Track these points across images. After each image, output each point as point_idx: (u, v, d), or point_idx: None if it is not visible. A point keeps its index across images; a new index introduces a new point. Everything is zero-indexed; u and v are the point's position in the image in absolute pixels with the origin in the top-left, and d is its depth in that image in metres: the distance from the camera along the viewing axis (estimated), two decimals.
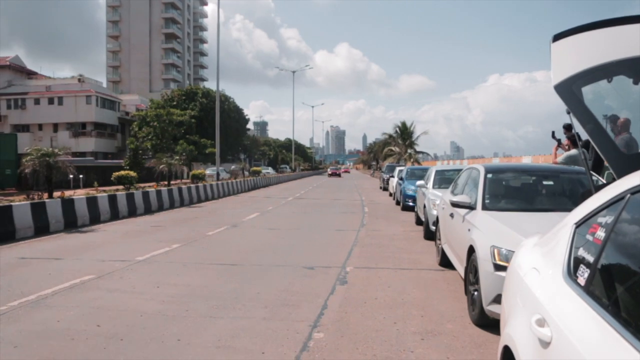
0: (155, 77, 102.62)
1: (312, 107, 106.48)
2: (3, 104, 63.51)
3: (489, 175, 7.29)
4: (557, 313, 2.31)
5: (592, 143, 3.26)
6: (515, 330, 2.73)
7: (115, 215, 17.23)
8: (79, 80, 65.56)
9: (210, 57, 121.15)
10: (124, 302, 6.62)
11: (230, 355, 4.78)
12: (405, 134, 63.25)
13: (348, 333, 5.38)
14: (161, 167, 27.49)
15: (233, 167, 54.27)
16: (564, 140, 10.81)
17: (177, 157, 30.37)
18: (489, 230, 5.85)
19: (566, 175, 7.51)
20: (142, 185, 23.93)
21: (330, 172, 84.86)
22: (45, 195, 16.35)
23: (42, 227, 13.64)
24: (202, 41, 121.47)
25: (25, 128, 63.02)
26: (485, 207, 6.68)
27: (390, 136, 67.51)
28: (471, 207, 6.83)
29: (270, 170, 72.48)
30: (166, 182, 27.38)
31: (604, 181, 7.40)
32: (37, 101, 63.45)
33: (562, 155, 9.97)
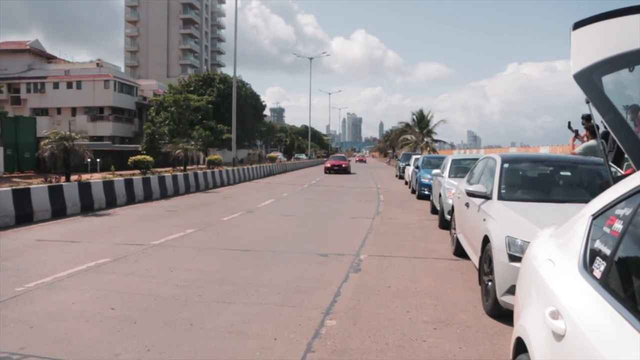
0: (172, 63, 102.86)
1: (329, 94, 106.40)
2: (23, 88, 64.03)
3: (506, 165, 7.22)
4: (572, 306, 2.27)
5: (612, 134, 3.19)
6: (529, 322, 2.70)
7: (131, 200, 17.36)
8: (98, 64, 65.86)
9: (228, 42, 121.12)
10: (138, 286, 6.68)
11: (243, 340, 4.80)
12: (422, 122, 62.91)
13: (360, 321, 5.37)
14: (177, 152, 27.67)
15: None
16: (582, 131, 10.68)
17: (194, 143, 30.53)
18: (505, 220, 5.80)
19: (584, 166, 7.42)
20: (158, 170, 24.10)
21: (329, 165, 44.16)
22: (63, 178, 16.54)
23: (59, 210, 13.79)
24: (220, 27, 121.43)
25: (44, 112, 63.52)
26: (501, 197, 6.62)
27: (407, 124, 67.23)
28: (487, 197, 6.77)
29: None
30: (182, 167, 27.58)
31: (623, 172, 7.29)
32: (56, 85, 63.86)
33: (581, 145, 9.84)
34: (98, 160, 30.41)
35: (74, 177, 16.89)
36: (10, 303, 5.92)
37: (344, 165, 43.26)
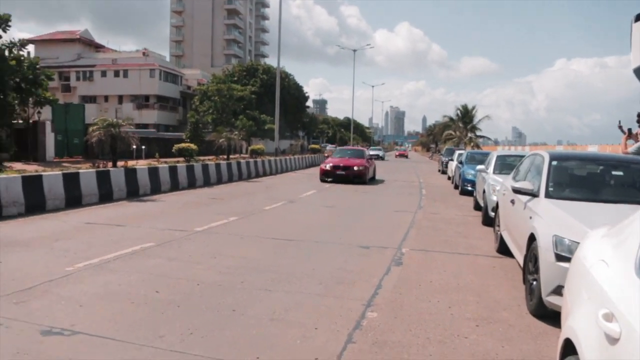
0: (217, 53, 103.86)
1: (372, 86, 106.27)
2: (73, 76, 65.99)
3: (554, 163, 7.05)
4: (628, 308, 2.22)
5: None
6: (579, 324, 2.64)
7: (175, 186, 17.67)
8: (144, 54, 67.12)
9: (271, 33, 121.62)
10: (182, 271, 6.80)
11: (284, 328, 4.85)
12: (466, 117, 62.19)
13: (401, 314, 5.35)
14: (221, 141, 27.97)
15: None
16: (635, 130, 10.36)
17: (237, 132, 30.81)
18: (552, 219, 5.67)
19: (638, 166, 7.19)
20: (201, 158, 24.42)
21: (327, 167, 23.02)
22: (110, 164, 16.91)
23: (106, 195, 14.14)
24: (264, 18, 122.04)
25: (92, 99, 65.14)
26: (548, 195, 6.48)
27: (451, 119, 66.46)
28: (534, 195, 6.64)
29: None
30: (225, 156, 27.87)
31: None
32: (103, 73, 65.50)
33: (635, 145, 9.54)
34: (143, 147, 30.94)
35: (120, 163, 17.28)
36: (61, 282, 6.14)
37: (356, 169, 22.59)
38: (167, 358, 4.15)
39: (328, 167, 23.09)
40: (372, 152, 56.02)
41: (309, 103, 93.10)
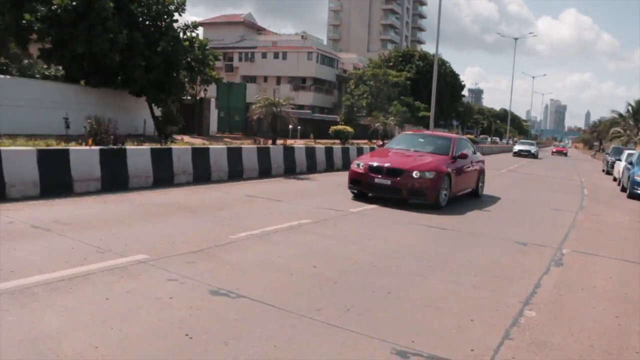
0: (373, 37, 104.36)
1: (533, 77, 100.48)
2: (236, 57, 70.25)
3: None
4: None
5: None
6: None
7: (330, 167, 18.17)
8: (302, 37, 69.51)
9: (428, 19, 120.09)
10: (337, 249, 7.00)
11: (439, 316, 4.83)
12: (638, 114, 57.02)
13: (562, 317, 5.09)
14: (377, 125, 28.26)
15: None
16: None
17: (392, 117, 30.90)
18: None
19: None
20: (355, 141, 24.79)
21: (361, 169, 11.28)
22: (269, 141, 17.73)
23: (265, 171, 14.89)
24: (421, 3, 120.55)
25: (252, 79, 68.62)
26: None
27: (620, 115, 61.41)
28: None
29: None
30: (379, 141, 28.06)
31: None
32: (264, 55, 68.99)
33: None
34: (299, 127, 32.07)
35: (279, 142, 18.05)
36: (225, 248, 6.60)
37: (415, 175, 10.84)
38: (324, 330, 4.30)
39: (361, 167, 11.54)
40: (520, 148, 47.67)
41: (464, 92, 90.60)
